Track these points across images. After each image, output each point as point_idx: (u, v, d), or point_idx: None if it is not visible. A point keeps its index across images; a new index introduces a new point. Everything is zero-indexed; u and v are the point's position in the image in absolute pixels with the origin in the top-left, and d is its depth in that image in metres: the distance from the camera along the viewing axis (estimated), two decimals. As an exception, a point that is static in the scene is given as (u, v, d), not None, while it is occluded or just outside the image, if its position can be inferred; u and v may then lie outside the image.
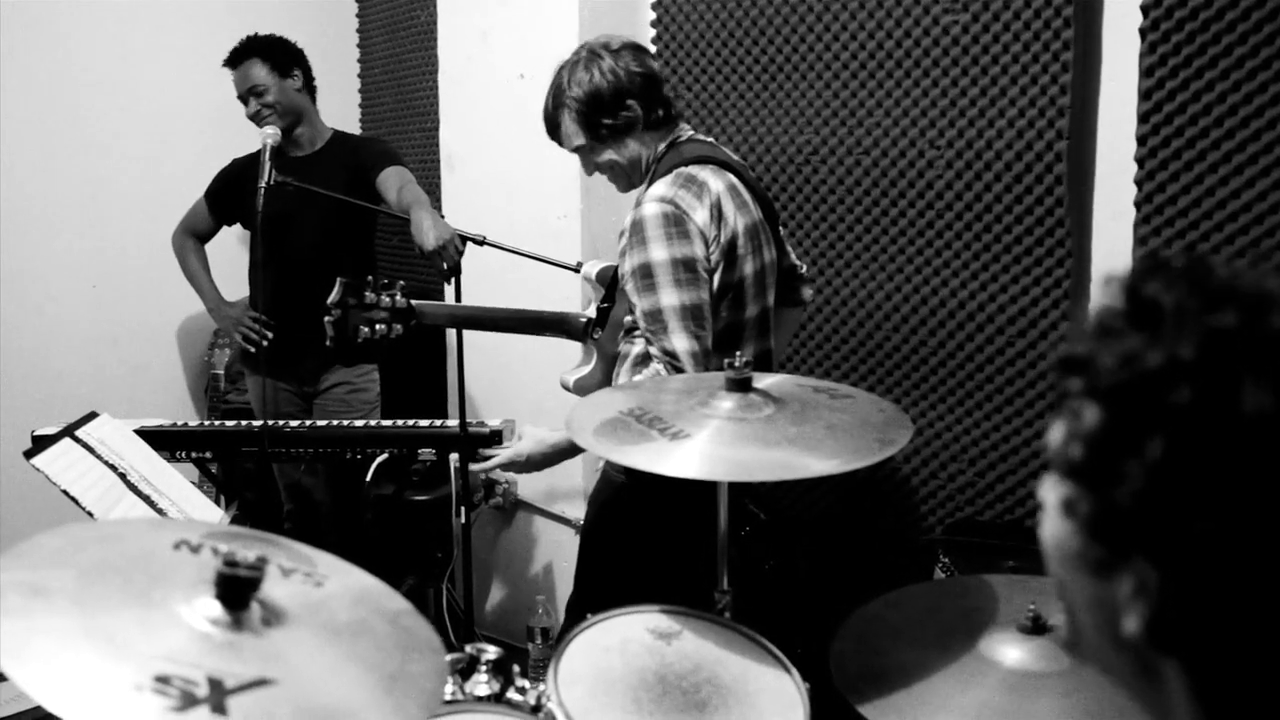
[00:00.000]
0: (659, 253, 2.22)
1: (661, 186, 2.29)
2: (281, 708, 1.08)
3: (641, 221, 2.25)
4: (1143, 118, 2.64)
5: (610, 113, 2.36)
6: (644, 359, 2.34)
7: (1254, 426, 0.69)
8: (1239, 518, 0.69)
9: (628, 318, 2.38)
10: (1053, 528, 0.80)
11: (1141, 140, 2.65)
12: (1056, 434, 0.79)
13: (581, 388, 2.58)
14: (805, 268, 2.73)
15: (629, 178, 2.47)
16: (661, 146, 2.42)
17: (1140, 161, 2.66)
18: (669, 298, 2.21)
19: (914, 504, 3.20)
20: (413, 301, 2.73)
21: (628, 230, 2.29)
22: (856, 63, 3.13)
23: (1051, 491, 0.80)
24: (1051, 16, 2.76)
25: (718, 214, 2.28)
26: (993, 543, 2.90)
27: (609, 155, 2.42)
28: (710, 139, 2.52)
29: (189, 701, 1.04)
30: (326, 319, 2.66)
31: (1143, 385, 0.72)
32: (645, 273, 2.23)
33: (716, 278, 2.29)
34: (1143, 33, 2.62)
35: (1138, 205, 2.68)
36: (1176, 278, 0.76)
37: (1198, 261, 0.77)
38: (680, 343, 2.21)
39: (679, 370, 2.20)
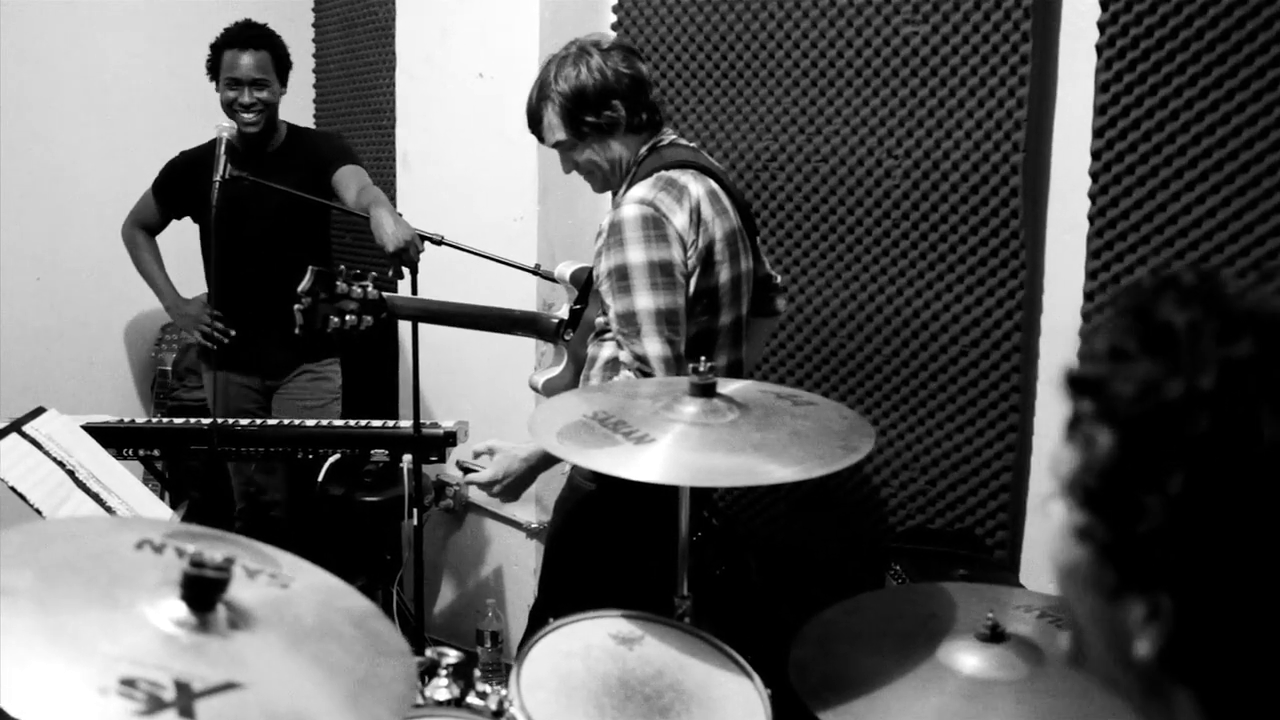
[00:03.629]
0: (636, 255, 2.21)
1: (642, 189, 2.28)
2: (250, 712, 1.07)
3: (620, 223, 2.24)
4: (1097, 132, 2.68)
5: (594, 111, 2.35)
6: (613, 363, 2.34)
7: (1274, 456, 0.69)
8: (1259, 549, 0.69)
9: (599, 319, 2.37)
10: (1064, 551, 0.79)
11: (1096, 155, 2.69)
12: (1067, 458, 0.78)
13: (551, 389, 2.57)
14: (779, 278, 2.72)
15: (606, 179, 2.46)
16: (643, 150, 2.41)
17: (1094, 176, 2.70)
18: (644, 301, 2.20)
19: (866, 511, 3.22)
20: (385, 294, 2.71)
21: (605, 231, 2.28)
22: (816, 71, 3.15)
23: (1061, 513, 0.80)
24: (1010, 30, 2.80)
25: (697, 218, 2.27)
26: (944, 551, 2.93)
27: (589, 154, 2.41)
28: (693, 144, 2.52)
29: (155, 705, 1.03)
30: (296, 307, 2.63)
31: (1162, 416, 0.72)
32: (621, 274, 2.22)
33: (693, 283, 2.28)
34: (1099, 49, 2.66)
35: (1091, 219, 2.72)
36: (1188, 298, 0.75)
37: (1208, 279, 0.76)
38: (652, 347, 2.20)
39: (648, 375, 2.20)
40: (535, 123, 2.45)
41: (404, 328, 3.95)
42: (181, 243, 3.86)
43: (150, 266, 3.79)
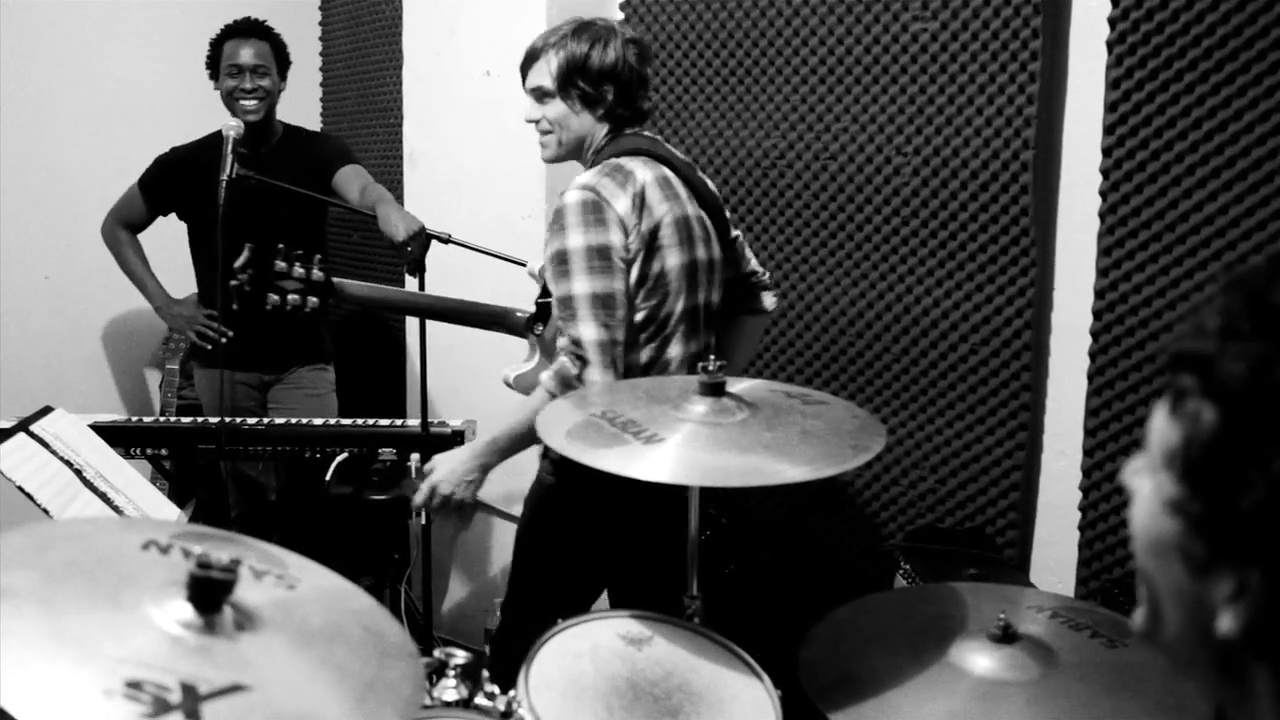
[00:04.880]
0: (575, 240, 2.24)
1: (588, 175, 2.32)
2: (256, 714, 1.06)
3: (563, 209, 2.27)
4: (1108, 129, 2.67)
5: (589, 82, 2.38)
6: None
7: None
8: None
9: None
10: (1152, 521, 0.80)
11: (1107, 151, 2.68)
12: (1167, 431, 0.79)
13: (523, 384, 2.58)
14: (768, 275, 2.71)
15: (561, 145, 2.46)
16: (604, 136, 2.43)
17: (1105, 172, 2.69)
18: (580, 285, 2.23)
19: (875, 510, 3.21)
20: (335, 279, 2.72)
21: (553, 216, 2.31)
22: (825, 68, 3.13)
23: (1148, 483, 0.80)
24: (1020, 27, 2.78)
25: (640, 203, 2.29)
26: (954, 550, 2.91)
27: (561, 112, 2.42)
28: (658, 137, 2.52)
29: (162, 708, 1.02)
30: (231, 283, 2.66)
31: (1272, 396, 0.72)
32: (561, 259, 2.25)
33: (635, 267, 2.30)
34: (1109, 45, 2.65)
35: (1102, 216, 2.71)
36: None
37: None
38: (587, 331, 2.22)
39: (583, 360, 2.21)
40: (529, 60, 2.47)
41: (411, 327, 3.95)
42: (162, 242, 3.84)
43: (137, 266, 3.77)
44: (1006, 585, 2.29)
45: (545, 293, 2.58)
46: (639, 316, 2.32)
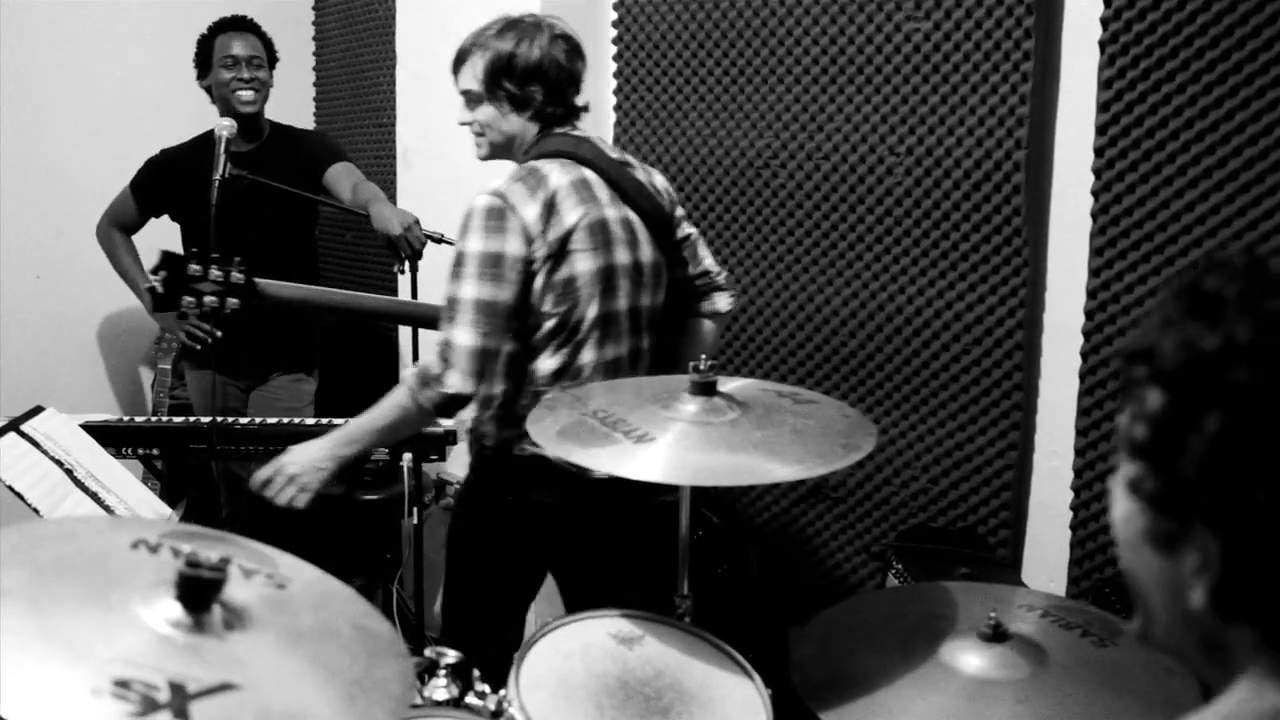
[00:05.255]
0: (474, 244, 2.23)
1: (502, 180, 2.30)
2: (245, 713, 1.06)
3: (471, 212, 2.26)
4: (1100, 129, 2.67)
5: (515, 82, 2.36)
6: (514, 358, 2.36)
7: None
8: None
9: None
10: (1120, 507, 0.85)
11: (1099, 151, 2.68)
12: (1124, 420, 0.85)
13: None
14: (724, 275, 2.61)
15: (493, 146, 2.45)
16: (534, 135, 2.40)
17: (1097, 172, 2.69)
18: (468, 289, 2.21)
19: (867, 510, 3.21)
20: (258, 279, 2.74)
21: (461, 219, 2.31)
22: (818, 68, 3.14)
23: (1119, 475, 0.85)
24: (1013, 27, 2.78)
25: (550, 209, 2.26)
26: (946, 550, 2.91)
27: (491, 114, 2.39)
28: (587, 136, 2.45)
29: (150, 707, 1.02)
30: (145, 286, 2.68)
31: (1201, 365, 0.78)
32: (459, 261, 2.25)
33: (544, 275, 2.26)
34: (1102, 45, 2.65)
35: (1094, 215, 2.71)
36: (1235, 273, 0.81)
37: (1255, 258, 0.82)
38: (461, 336, 2.20)
39: (447, 362, 2.19)
40: (458, 63, 2.45)
41: (404, 331, 3.95)
42: (156, 243, 3.84)
43: (130, 267, 3.76)
44: (998, 585, 2.29)
45: None
46: (549, 323, 2.29)
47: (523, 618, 2.51)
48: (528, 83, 2.35)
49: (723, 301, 2.58)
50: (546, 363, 2.31)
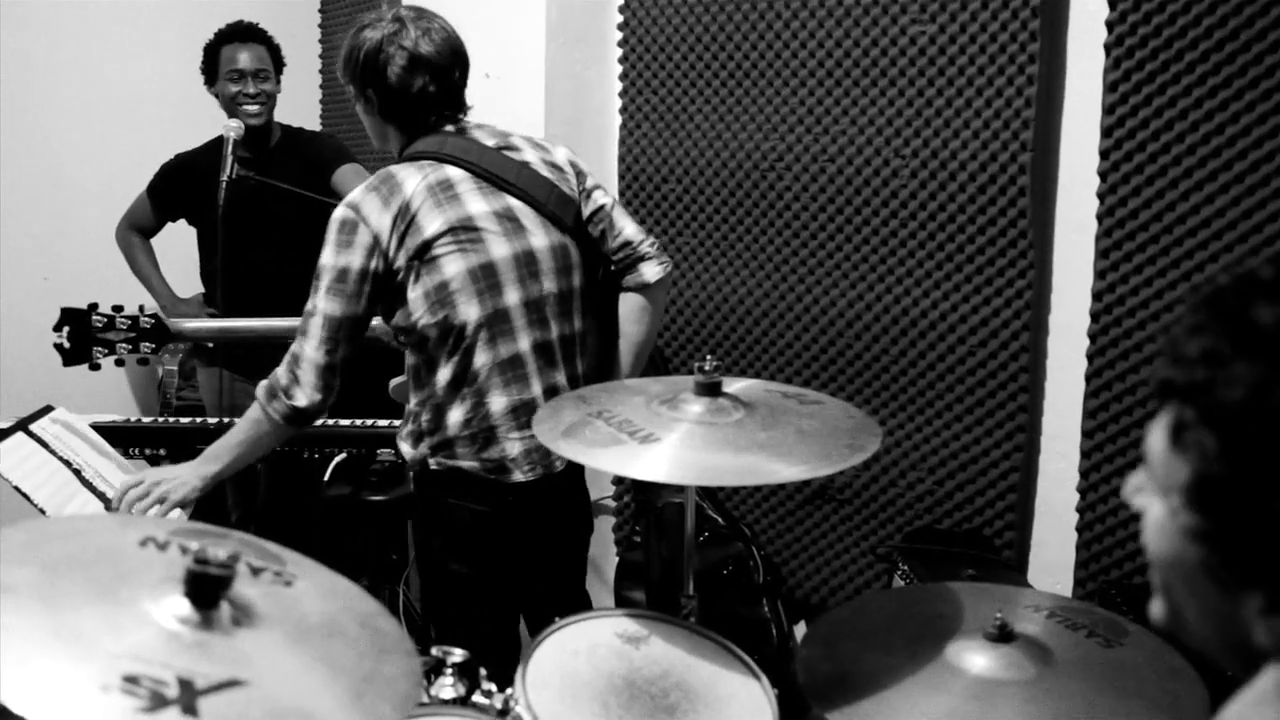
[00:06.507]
0: (327, 257, 2.22)
1: (358, 190, 2.26)
2: (253, 709, 1.06)
3: (331, 222, 2.24)
4: (1106, 132, 2.67)
5: (357, 82, 2.34)
6: (413, 371, 2.35)
7: None
8: None
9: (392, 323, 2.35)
10: (1171, 546, 0.81)
11: (1104, 154, 2.68)
12: (1171, 462, 0.80)
13: (399, 395, 2.57)
14: (649, 243, 2.45)
15: (375, 140, 2.44)
16: (398, 137, 2.37)
17: (1103, 175, 2.69)
18: (318, 302, 2.21)
19: (873, 512, 3.21)
20: (170, 319, 2.81)
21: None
22: (824, 71, 3.14)
23: (1159, 506, 0.82)
24: (1018, 30, 2.79)
25: (404, 218, 2.21)
26: (953, 551, 2.91)
27: (361, 111, 2.39)
28: (459, 127, 2.37)
29: (159, 702, 1.02)
30: (54, 343, 2.78)
31: (1270, 417, 0.73)
32: (316, 273, 2.23)
33: (411, 285, 2.23)
34: (1107, 48, 2.65)
35: (1099, 218, 2.71)
36: (1273, 295, 0.76)
37: None
38: (309, 349, 2.21)
39: (295, 377, 2.22)
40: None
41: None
42: (177, 245, 3.85)
43: (146, 267, 3.79)
44: (1004, 585, 2.29)
45: None
46: (433, 333, 2.24)
47: (513, 620, 2.50)
48: (365, 84, 2.32)
49: (650, 271, 2.44)
50: (442, 373, 2.28)
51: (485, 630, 2.34)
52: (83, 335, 2.76)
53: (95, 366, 2.87)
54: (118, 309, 2.79)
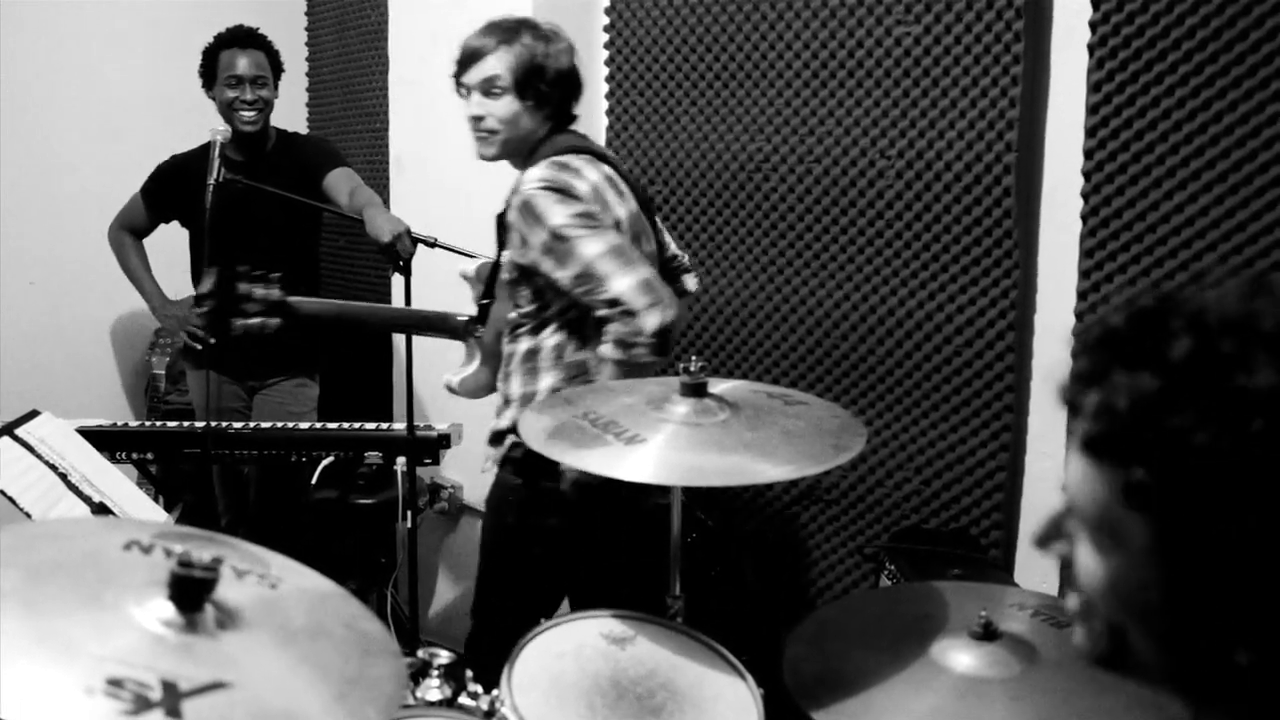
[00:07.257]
0: (558, 217, 2.23)
1: (537, 170, 2.32)
2: (237, 711, 1.06)
3: (530, 200, 2.27)
4: (1090, 132, 2.68)
5: (546, 83, 2.42)
6: (532, 354, 2.36)
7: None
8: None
9: (510, 314, 2.38)
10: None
11: (1088, 154, 2.69)
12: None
13: (468, 388, 2.58)
14: (687, 258, 2.73)
15: (501, 144, 2.46)
16: (540, 136, 2.45)
17: (1087, 174, 2.70)
18: (588, 248, 2.21)
19: (860, 512, 3.22)
20: (289, 297, 2.74)
21: (519, 216, 2.29)
22: (809, 71, 3.15)
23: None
24: (1002, 30, 2.80)
25: (598, 194, 2.33)
26: (939, 550, 2.92)
27: (514, 110, 2.42)
28: (582, 133, 2.55)
29: (142, 705, 1.02)
30: (197, 310, 2.68)
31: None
32: (556, 238, 2.23)
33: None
34: (1091, 49, 2.66)
35: (1084, 218, 2.72)
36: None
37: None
38: (619, 283, 2.19)
39: (630, 314, 2.17)
40: (474, 58, 2.46)
41: (399, 335, 3.95)
42: (169, 246, 3.85)
43: (137, 269, 3.78)
44: (990, 584, 2.30)
45: (486, 294, 2.58)
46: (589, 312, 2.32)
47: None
48: (554, 85, 2.42)
49: (691, 282, 2.73)
50: (591, 351, 2.33)
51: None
52: (229, 304, 2.69)
53: (227, 336, 2.76)
54: (258, 276, 2.71)
